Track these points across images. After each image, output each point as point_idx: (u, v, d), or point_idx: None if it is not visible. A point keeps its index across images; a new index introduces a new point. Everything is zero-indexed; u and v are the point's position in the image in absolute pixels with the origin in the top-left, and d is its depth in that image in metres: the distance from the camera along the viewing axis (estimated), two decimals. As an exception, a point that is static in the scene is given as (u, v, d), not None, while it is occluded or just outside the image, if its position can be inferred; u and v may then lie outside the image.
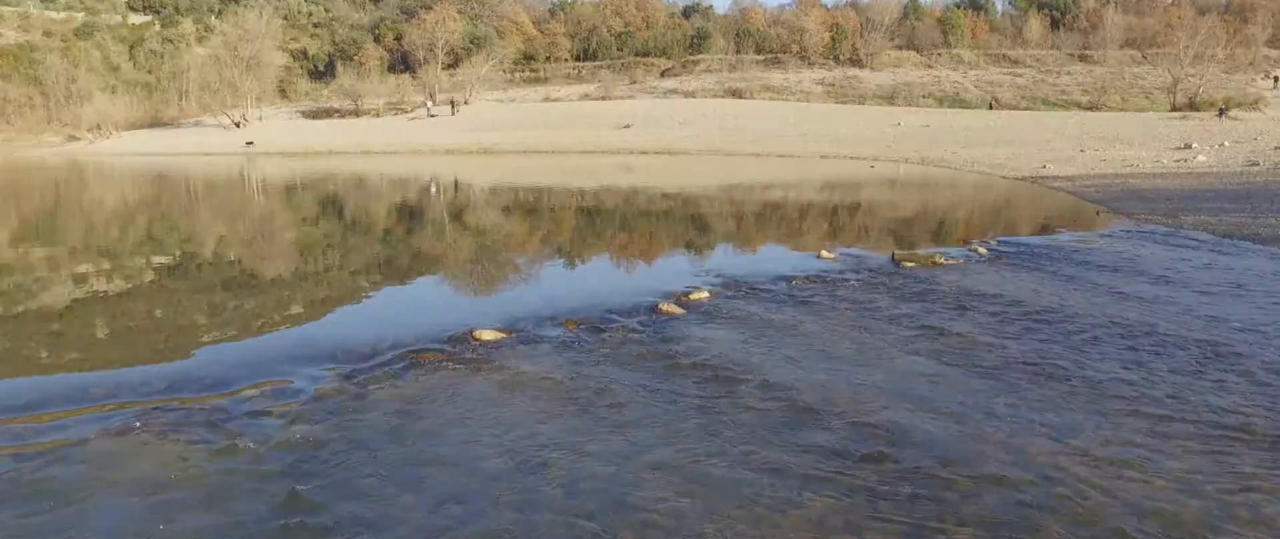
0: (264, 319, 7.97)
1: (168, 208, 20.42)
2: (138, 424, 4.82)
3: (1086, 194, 16.34)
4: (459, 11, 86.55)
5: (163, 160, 47.12)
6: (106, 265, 11.23)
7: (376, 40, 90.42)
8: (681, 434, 4.54)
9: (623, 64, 77.77)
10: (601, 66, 78.04)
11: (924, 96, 57.71)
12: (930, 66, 67.64)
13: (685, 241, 12.96)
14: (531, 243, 13.09)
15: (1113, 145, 27.35)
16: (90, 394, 5.38)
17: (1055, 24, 73.28)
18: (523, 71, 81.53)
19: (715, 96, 61.98)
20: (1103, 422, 4.67)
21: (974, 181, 20.90)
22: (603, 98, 64.63)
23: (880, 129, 38.64)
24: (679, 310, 7.20)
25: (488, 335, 6.50)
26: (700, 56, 75.35)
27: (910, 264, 9.18)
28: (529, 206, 18.38)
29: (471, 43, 77.26)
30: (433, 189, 24.27)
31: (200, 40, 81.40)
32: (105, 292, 9.33)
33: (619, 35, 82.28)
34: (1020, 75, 63.17)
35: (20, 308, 8.42)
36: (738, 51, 72.88)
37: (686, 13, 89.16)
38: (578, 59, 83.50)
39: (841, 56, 70.08)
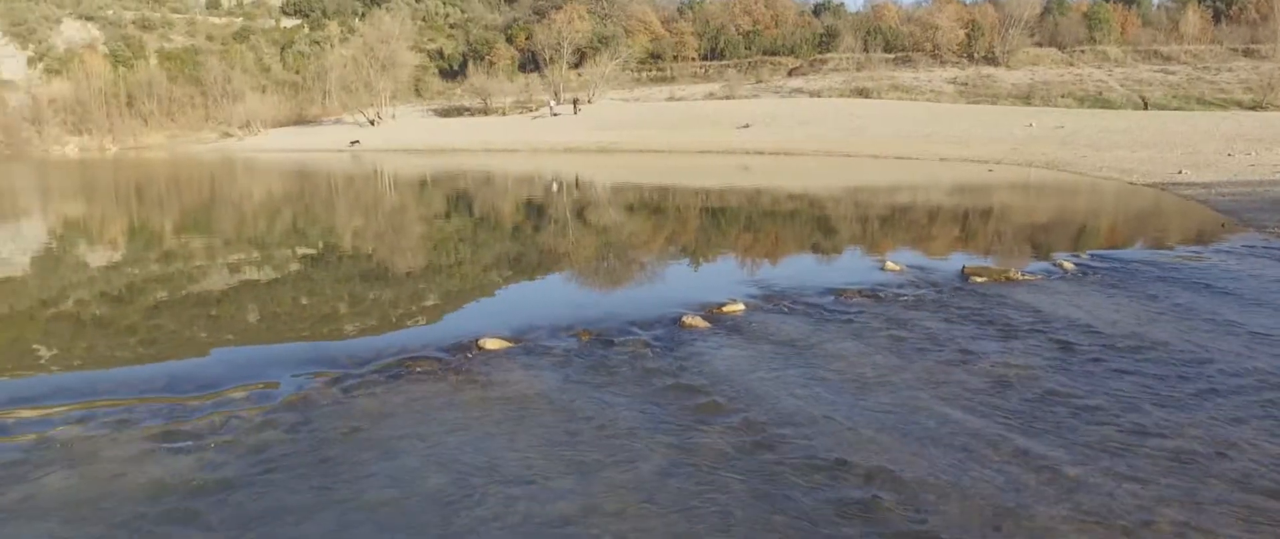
0: (296, 316, 7.97)
1: (282, 201, 21.22)
2: (88, 424, 4.74)
3: (1218, 203, 14.84)
4: (588, 11, 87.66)
5: (300, 156, 49.49)
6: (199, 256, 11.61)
7: (509, 40, 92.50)
8: (642, 483, 3.94)
9: (749, 63, 76.91)
10: (728, 66, 77.36)
11: (1063, 96, 54.60)
12: (1072, 64, 63.96)
13: (746, 245, 12.39)
14: (589, 243, 12.79)
15: (1270, 148, 25.00)
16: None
17: (1218, 16, 68.05)
18: (649, 70, 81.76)
19: (841, 96, 60.42)
20: (1186, 506, 3.71)
21: (1095, 187, 19.40)
22: (726, 97, 64.00)
23: (1010, 131, 36.68)
24: (703, 324, 6.73)
25: (493, 344, 6.22)
26: (828, 55, 73.67)
27: (980, 279, 8.39)
28: (620, 204, 18.15)
29: (599, 42, 77.96)
30: (551, 187, 24.39)
31: (343, 41, 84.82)
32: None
33: (747, 34, 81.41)
34: (1172, 72, 58.92)
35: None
36: (866, 50, 70.89)
37: (816, 10, 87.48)
38: (705, 58, 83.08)
39: (976, 54, 67.19)
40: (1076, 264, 9.05)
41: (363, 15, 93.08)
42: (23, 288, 9.88)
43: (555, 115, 59.95)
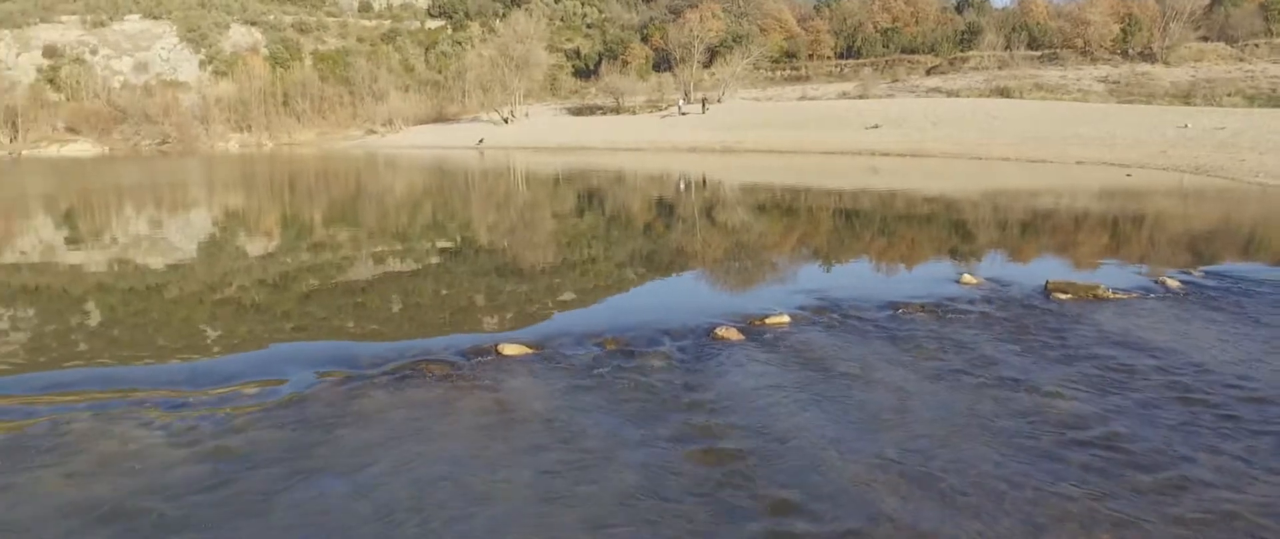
0: (342, 311, 8.00)
1: (408, 194, 21.84)
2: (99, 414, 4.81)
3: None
4: (723, 10, 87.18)
5: (435, 152, 51.15)
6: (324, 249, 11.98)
7: (644, 39, 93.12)
8: (594, 515, 3.62)
9: (886, 62, 74.83)
10: (864, 64, 75.46)
11: (1229, 95, 50.49)
12: (1242, 59, 59.10)
13: (819, 249, 11.81)
14: (663, 242, 12.43)
15: None
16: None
17: None
18: (783, 69, 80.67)
19: (981, 95, 57.81)
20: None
21: (1243, 195, 17.69)
22: (860, 96, 62.31)
23: (1161, 132, 34.14)
24: (737, 336, 6.32)
25: (511, 349, 6.02)
26: (969, 53, 70.81)
27: (1064, 296, 7.61)
28: (724, 204, 17.75)
29: (733, 40, 77.41)
30: (679, 186, 24.25)
31: (483, 41, 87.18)
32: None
33: (885, 32, 79.22)
34: (1368, 68, 53.67)
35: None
36: (1009, 47, 67.69)
37: (959, 7, 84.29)
38: (840, 57, 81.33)
39: (1131, 51, 63.10)
40: (1183, 282, 8.10)
41: (503, 16, 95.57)
42: (190, 273, 10.57)
43: (683, 114, 59.79)
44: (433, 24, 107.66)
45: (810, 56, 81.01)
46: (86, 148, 73.55)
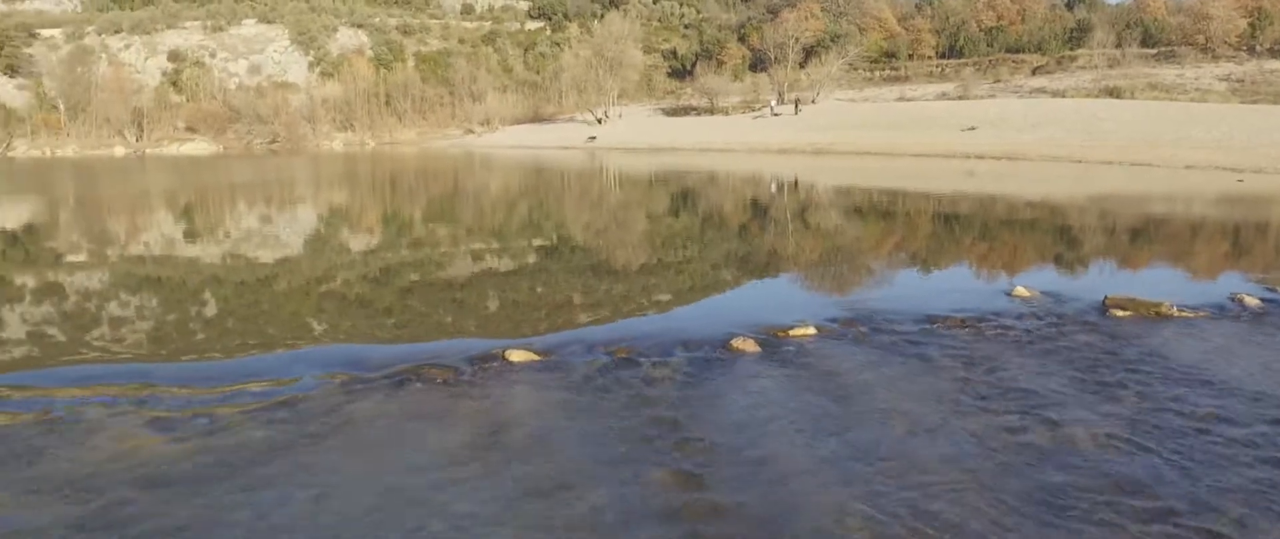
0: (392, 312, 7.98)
1: (495, 194, 22.09)
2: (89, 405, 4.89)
3: None
4: (822, 9, 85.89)
5: (529, 152, 51.82)
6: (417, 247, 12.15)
7: (741, 40, 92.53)
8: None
9: (989, 61, 72.49)
10: (965, 64, 73.29)
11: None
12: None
13: (869, 255, 11.29)
14: (705, 245, 12.08)
15: None
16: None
17: None
18: (882, 69, 79.02)
19: (1088, 96, 55.35)
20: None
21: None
22: (959, 97, 60.45)
23: (1284, 135, 32.06)
24: (754, 348, 6.02)
25: (517, 356, 5.86)
26: (1078, 52, 67.95)
27: (1123, 312, 7.02)
28: (790, 206, 17.31)
29: (831, 40, 76.17)
30: (771, 188, 23.93)
31: (580, 42, 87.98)
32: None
33: (989, 31, 76.80)
34: None
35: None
36: (1120, 45, 64.61)
37: (1070, 3, 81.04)
38: (942, 56, 79.25)
39: (1259, 46, 59.44)
40: (1265, 300, 7.42)
41: (601, 17, 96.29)
42: (296, 268, 11.01)
43: (775, 115, 59.04)
44: (532, 25, 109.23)
45: (910, 56, 79.14)
46: (203, 146, 77.15)
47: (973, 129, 41.83)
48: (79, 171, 42.05)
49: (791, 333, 6.43)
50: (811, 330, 6.49)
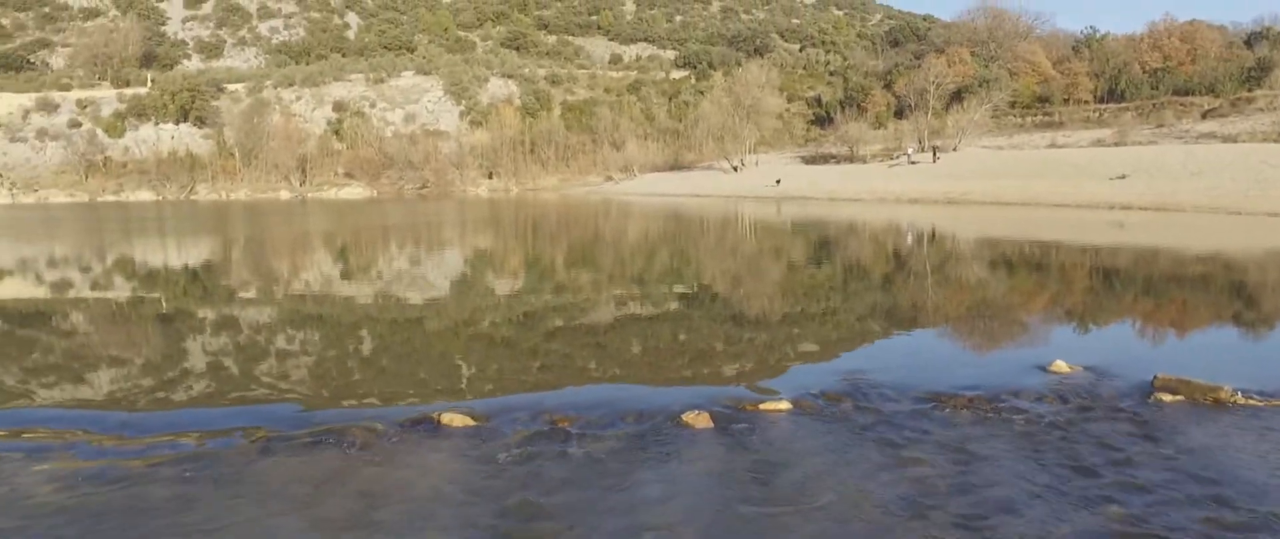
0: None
1: (621, 240, 22.21)
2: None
3: None
4: (971, 54, 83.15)
5: (662, 199, 52.10)
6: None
7: (886, 86, 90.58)
8: None
9: (1153, 105, 67.96)
10: (1126, 108, 68.98)
11: None
12: None
13: (904, 314, 10.32)
14: (741, 294, 11.43)
15: None
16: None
17: None
18: (1034, 114, 75.49)
19: (1267, 140, 51.04)
20: None
21: None
22: (1115, 144, 56.87)
23: None
24: (705, 424, 5.49)
25: (451, 419, 5.60)
26: (1257, 93, 62.78)
27: (1171, 397, 6.02)
28: (878, 256, 16.41)
29: (979, 85, 73.48)
30: (907, 236, 23.13)
31: (724, 91, 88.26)
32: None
33: (1153, 72, 72.18)
34: None
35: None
36: (1308, 85, 59.35)
37: (1249, 40, 75.29)
38: (1100, 100, 74.92)
39: None
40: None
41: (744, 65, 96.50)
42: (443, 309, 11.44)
43: (912, 164, 57.18)
44: (677, 74, 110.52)
45: (1065, 101, 75.17)
46: (359, 191, 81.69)
47: (1122, 177, 39.19)
48: (250, 213, 45.88)
49: (761, 407, 5.88)
50: (785, 405, 5.91)
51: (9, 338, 9.88)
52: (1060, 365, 6.92)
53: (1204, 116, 62.80)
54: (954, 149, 60.31)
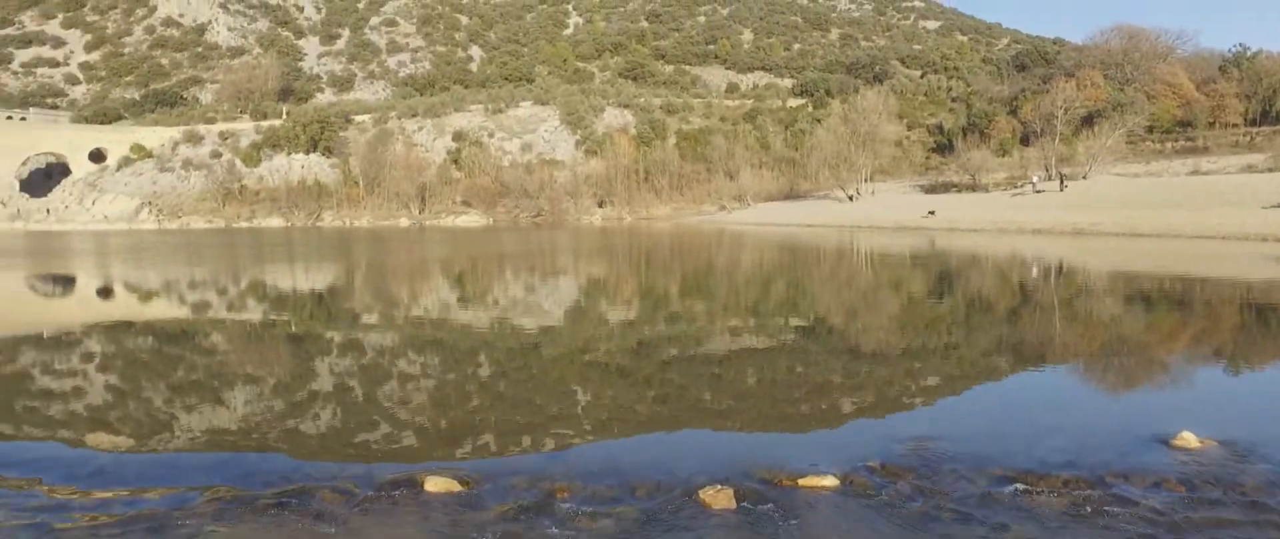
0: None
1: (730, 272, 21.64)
2: None
3: None
4: (1104, 77, 79.08)
5: (774, 229, 51.04)
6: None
7: (1012, 112, 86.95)
8: None
9: (1314, 126, 63.00)
10: (1281, 131, 64.19)
11: None
12: None
13: (980, 366, 8.96)
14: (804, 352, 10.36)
15: None
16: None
17: None
18: (1175, 140, 71.05)
19: None
20: None
21: None
22: (1270, 169, 52.77)
23: None
24: (726, 504, 4.67)
25: (436, 485, 4.97)
26: None
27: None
28: (977, 294, 15.10)
29: (1113, 109, 69.68)
30: (1032, 270, 21.77)
31: (842, 119, 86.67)
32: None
33: (1314, 91, 66.96)
34: None
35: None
36: None
37: None
38: (1251, 123, 69.99)
39: None
40: None
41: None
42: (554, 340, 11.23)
43: (1038, 192, 54.33)
44: (794, 102, 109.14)
45: (1211, 124, 70.49)
46: (475, 219, 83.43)
47: (1278, 207, 36.12)
48: (373, 239, 47.65)
49: (800, 482, 5.00)
50: (830, 481, 5.00)
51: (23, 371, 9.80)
52: (1187, 438, 5.70)
53: (1371, 140, 57.74)
54: (1083, 176, 57.06)
